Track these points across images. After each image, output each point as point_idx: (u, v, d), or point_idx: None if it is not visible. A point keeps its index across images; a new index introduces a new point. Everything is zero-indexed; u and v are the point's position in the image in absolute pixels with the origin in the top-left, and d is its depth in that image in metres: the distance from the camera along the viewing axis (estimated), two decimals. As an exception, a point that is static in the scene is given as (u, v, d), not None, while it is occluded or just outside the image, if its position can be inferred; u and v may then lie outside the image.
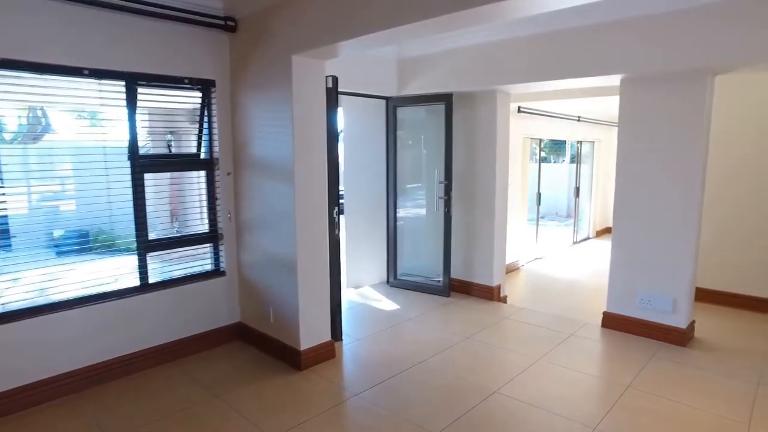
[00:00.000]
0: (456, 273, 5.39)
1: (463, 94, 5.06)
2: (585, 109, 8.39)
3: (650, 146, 4.02)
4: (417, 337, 4.20)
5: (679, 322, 4.01)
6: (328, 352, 3.75)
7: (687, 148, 3.85)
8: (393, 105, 5.39)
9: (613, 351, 3.93)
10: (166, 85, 3.56)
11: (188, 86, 3.67)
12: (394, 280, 5.66)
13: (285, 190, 3.49)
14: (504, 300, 5.29)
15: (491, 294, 5.16)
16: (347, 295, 5.37)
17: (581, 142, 9.15)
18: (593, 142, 9.39)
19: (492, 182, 5.05)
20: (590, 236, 9.66)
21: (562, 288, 6.32)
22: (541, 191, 8.36)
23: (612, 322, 4.34)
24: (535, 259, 7.97)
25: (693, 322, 4.17)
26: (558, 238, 9.73)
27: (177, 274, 3.82)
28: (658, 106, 3.96)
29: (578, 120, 8.23)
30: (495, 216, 5.08)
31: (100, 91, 3.20)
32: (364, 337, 4.22)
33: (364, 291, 5.55)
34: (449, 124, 5.00)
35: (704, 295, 5.07)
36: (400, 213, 5.61)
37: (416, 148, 5.63)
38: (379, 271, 5.84)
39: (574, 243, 9.21)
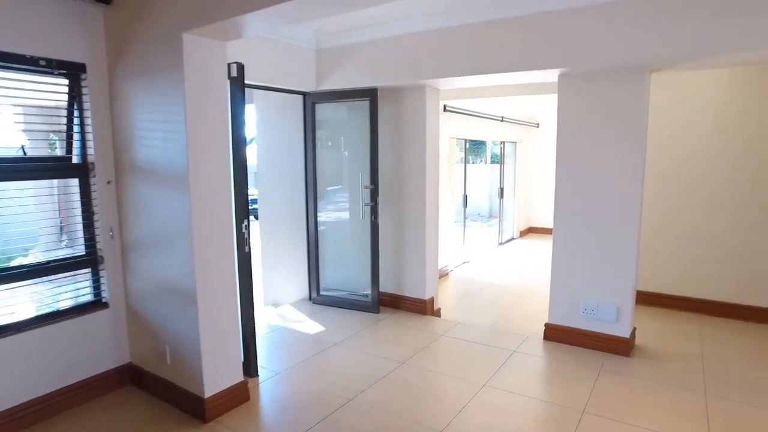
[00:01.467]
0: (385, 286, 4.90)
1: (389, 89, 4.58)
2: (508, 109, 8.27)
3: (589, 146, 3.76)
4: (345, 367, 3.64)
5: (623, 331, 3.77)
6: (240, 395, 3.10)
7: (626, 147, 3.62)
8: (311, 101, 4.80)
9: (560, 368, 3.61)
10: (13, 66, 2.74)
11: (46, 70, 2.86)
12: (318, 297, 5.07)
13: (178, 201, 2.80)
14: (438, 313, 4.87)
15: (424, 308, 4.72)
16: (265, 317, 4.70)
17: (504, 142, 9.05)
18: (515, 142, 9.33)
19: (422, 185, 4.61)
20: (514, 237, 9.61)
21: (495, 294, 6.04)
22: (467, 193, 8.10)
23: (554, 334, 4.04)
24: (463, 263, 7.70)
25: (634, 329, 3.96)
26: (483, 240, 9.59)
27: (43, 310, 3.00)
28: (597, 104, 3.70)
29: (502, 120, 8.07)
30: (426, 222, 4.65)
31: None
32: (284, 369, 3.60)
33: (283, 311, 4.90)
34: (374, 122, 4.50)
35: (640, 298, 4.95)
36: (322, 221, 5.02)
37: (338, 149, 5.08)
38: (301, 286, 5.22)
39: (500, 244, 9.09)
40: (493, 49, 3.68)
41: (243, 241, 3.32)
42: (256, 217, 5.47)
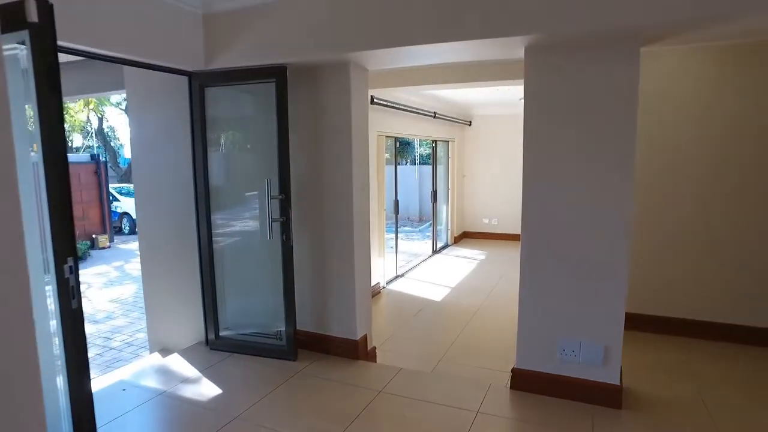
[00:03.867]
0: (305, 323, 3.72)
1: (303, 66, 3.41)
2: (441, 105, 7.38)
3: (565, 139, 2.82)
4: (246, 461, 2.45)
5: (612, 376, 2.87)
6: None
7: (613, 141, 2.71)
8: (200, 84, 3.52)
9: (540, 436, 2.64)
10: None
11: None
12: (217, 340, 3.79)
13: None
14: (373, 355, 3.76)
15: (355, 350, 3.58)
16: (142, 374, 3.37)
17: (436, 141, 8.14)
18: (448, 141, 8.46)
19: (348, 193, 3.48)
20: (449, 243, 8.74)
21: (436, 315, 5.07)
22: (398, 198, 7.09)
23: (525, 382, 3.06)
24: (397, 276, 6.68)
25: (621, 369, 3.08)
26: (416, 248, 8.67)
27: None
28: (574, 85, 2.76)
29: (434, 117, 7.14)
30: (355, 240, 3.53)
31: None
32: (149, 478, 2.34)
33: (171, 362, 3.59)
34: (283, 111, 3.32)
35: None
36: (220, 242, 3.75)
37: (238, 147, 3.83)
38: (196, 325, 3.92)
39: (434, 252, 8.18)
40: (440, 10, 2.64)
41: (68, 292, 2.03)
42: (130, 231, 4.13)
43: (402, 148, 13.52)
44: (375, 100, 5.42)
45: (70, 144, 16.39)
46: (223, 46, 3.35)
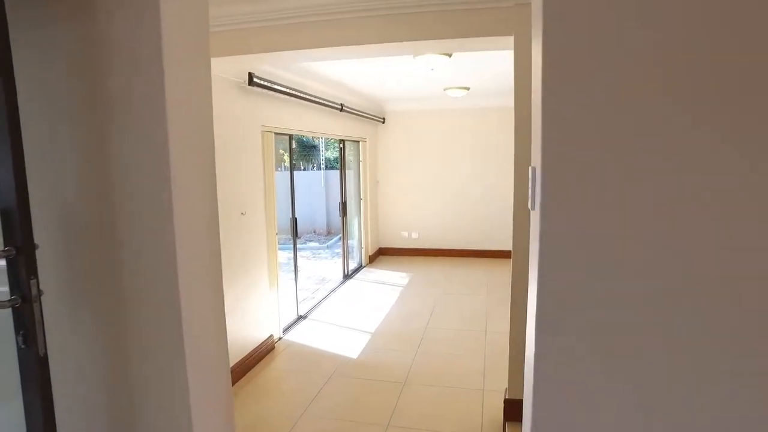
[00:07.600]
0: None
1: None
2: (349, 97, 5.75)
3: (629, 132, 1.26)
4: None
5: None
6: None
7: (732, 132, 1.20)
8: None
9: None
10: None
11: None
12: None
13: None
14: None
15: None
16: None
17: (344, 141, 6.47)
18: (358, 141, 6.83)
19: (164, 234, 1.68)
20: (363, 264, 7.11)
21: (354, 385, 3.43)
22: (302, 209, 5.33)
23: None
24: (299, 319, 4.93)
25: None
26: (325, 270, 6.97)
27: None
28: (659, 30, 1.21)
29: (341, 109, 5.48)
30: (184, 319, 1.75)
31: None
32: None
33: None
34: (5, 70, 1.46)
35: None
36: None
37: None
38: None
39: (346, 276, 6.51)
40: None
41: None
42: None
43: (306, 150, 11.72)
44: (255, 79, 3.66)
45: None
46: None
